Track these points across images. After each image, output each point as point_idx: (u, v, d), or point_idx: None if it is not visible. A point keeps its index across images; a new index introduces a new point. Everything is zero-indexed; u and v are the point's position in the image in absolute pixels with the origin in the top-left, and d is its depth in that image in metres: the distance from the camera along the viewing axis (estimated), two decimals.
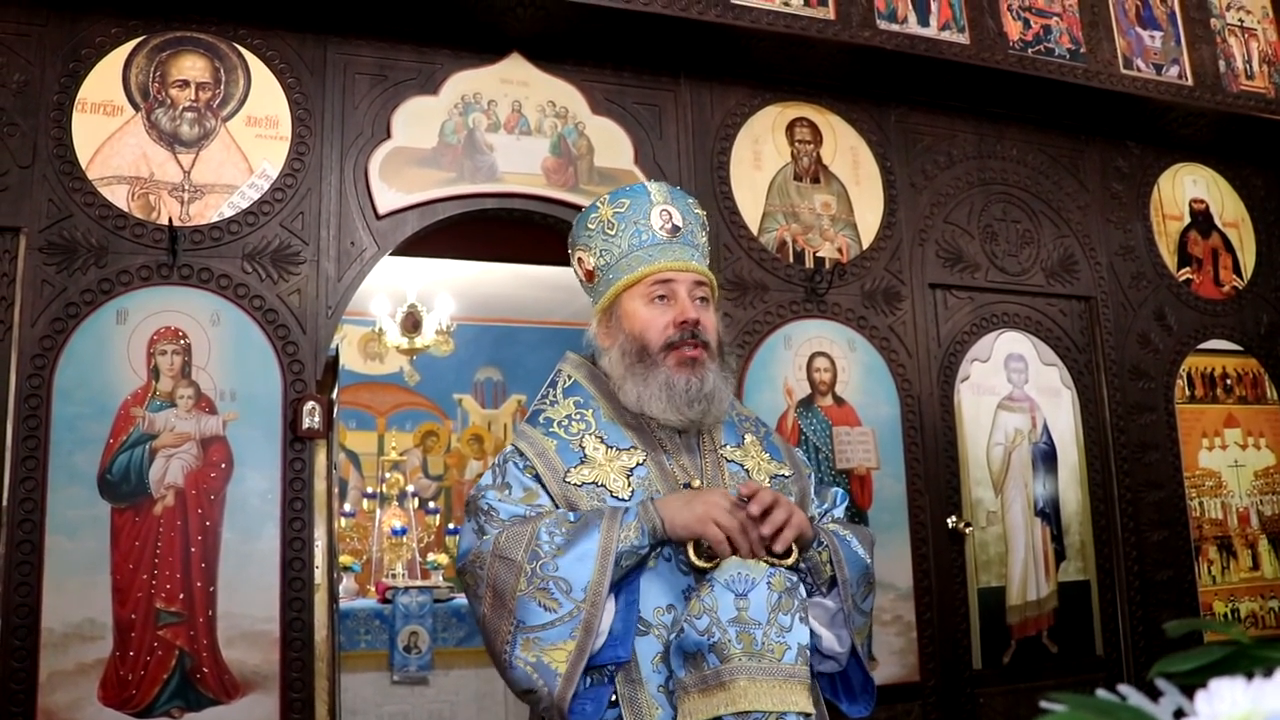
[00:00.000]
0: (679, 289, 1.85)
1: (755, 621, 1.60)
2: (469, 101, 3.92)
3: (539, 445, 1.83)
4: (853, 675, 1.84)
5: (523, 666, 1.64)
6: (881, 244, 4.44)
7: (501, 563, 1.68)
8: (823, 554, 1.77)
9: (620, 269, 1.88)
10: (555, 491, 1.77)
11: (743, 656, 1.58)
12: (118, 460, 3.30)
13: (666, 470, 1.82)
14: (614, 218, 1.90)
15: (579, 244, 1.97)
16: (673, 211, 1.91)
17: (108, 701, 3.16)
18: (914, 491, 4.27)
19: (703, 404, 1.81)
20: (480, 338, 8.59)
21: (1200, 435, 4.97)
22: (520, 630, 1.65)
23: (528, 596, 1.65)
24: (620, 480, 1.78)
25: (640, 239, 1.88)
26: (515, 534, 1.69)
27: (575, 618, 1.62)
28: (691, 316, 1.83)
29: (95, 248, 3.38)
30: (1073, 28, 4.65)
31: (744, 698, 1.56)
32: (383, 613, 5.92)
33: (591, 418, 1.86)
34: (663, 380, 1.80)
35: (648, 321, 1.84)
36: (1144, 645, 4.56)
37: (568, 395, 1.91)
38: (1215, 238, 5.23)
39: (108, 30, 3.53)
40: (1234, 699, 0.53)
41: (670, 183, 4.04)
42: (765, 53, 4.19)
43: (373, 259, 3.72)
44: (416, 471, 8.28)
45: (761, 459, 1.93)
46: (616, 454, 1.81)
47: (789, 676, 1.59)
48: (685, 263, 1.87)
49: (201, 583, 3.30)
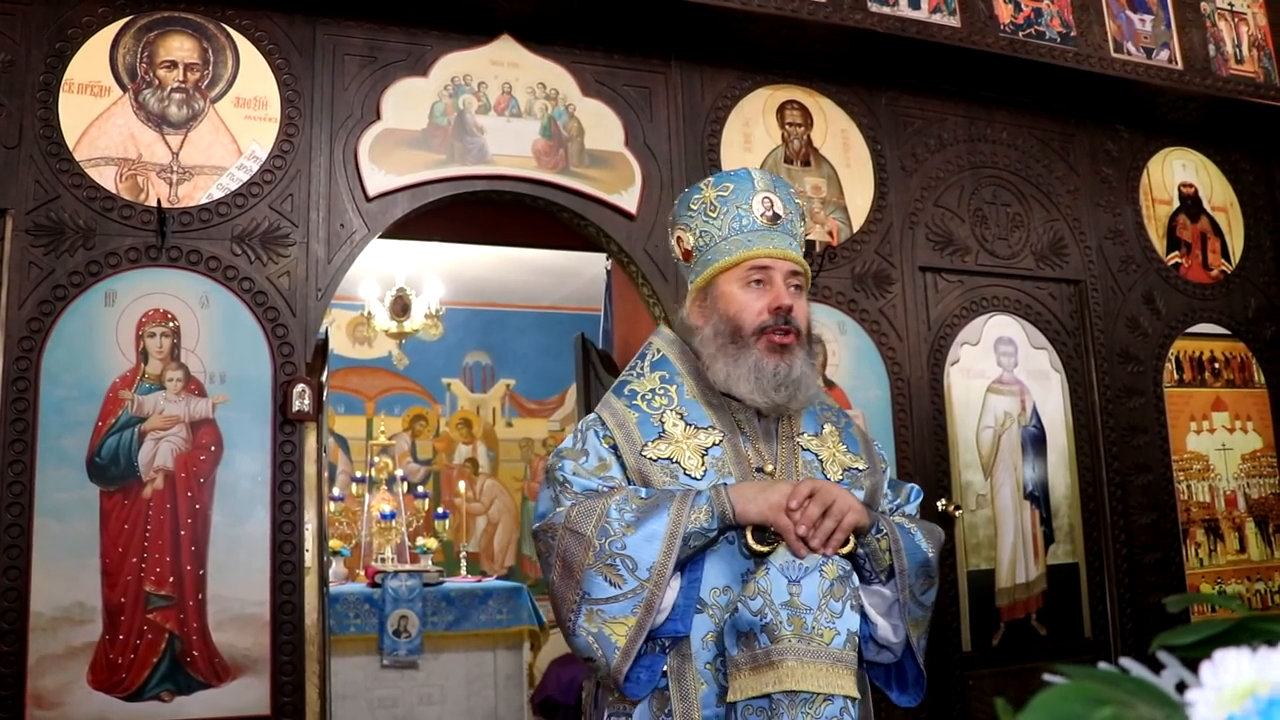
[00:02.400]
0: (775, 275, 1.88)
1: (807, 606, 1.65)
2: (459, 83, 3.90)
3: (620, 416, 1.87)
4: (907, 667, 1.87)
5: (585, 636, 1.70)
6: (872, 227, 4.44)
7: (572, 536, 1.73)
8: (882, 541, 1.79)
9: (719, 251, 1.91)
10: (630, 464, 1.82)
11: (793, 638, 1.63)
12: (106, 443, 3.28)
13: (741, 453, 1.86)
14: (716, 200, 1.93)
15: (679, 223, 2.00)
16: (774, 199, 1.93)
17: (97, 685, 3.15)
18: (904, 474, 4.27)
19: (789, 389, 1.84)
20: (469, 322, 8.58)
21: (1188, 419, 4.99)
22: (585, 601, 1.70)
23: (595, 570, 1.70)
24: (695, 459, 1.82)
25: (741, 224, 1.91)
26: (587, 508, 1.73)
27: (638, 595, 1.67)
28: (786, 303, 1.86)
29: (83, 229, 3.35)
30: (1063, 11, 4.65)
31: (791, 677, 1.61)
32: (372, 597, 5.92)
33: (675, 393, 1.90)
34: (752, 363, 1.84)
35: (743, 304, 1.87)
36: (1132, 627, 4.59)
37: (655, 369, 1.95)
38: (1204, 222, 5.24)
39: (94, 10, 3.49)
40: (1239, 669, 0.54)
41: (661, 165, 4.09)
42: (756, 35, 4.18)
43: (362, 241, 3.70)
44: (405, 456, 8.28)
45: (837, 450, 1.95)
46: (695, 432, 1.85)
47: (837, 660, 1.64)
48: (784, 250, 1.90)
49: (191, 566, 3.29)
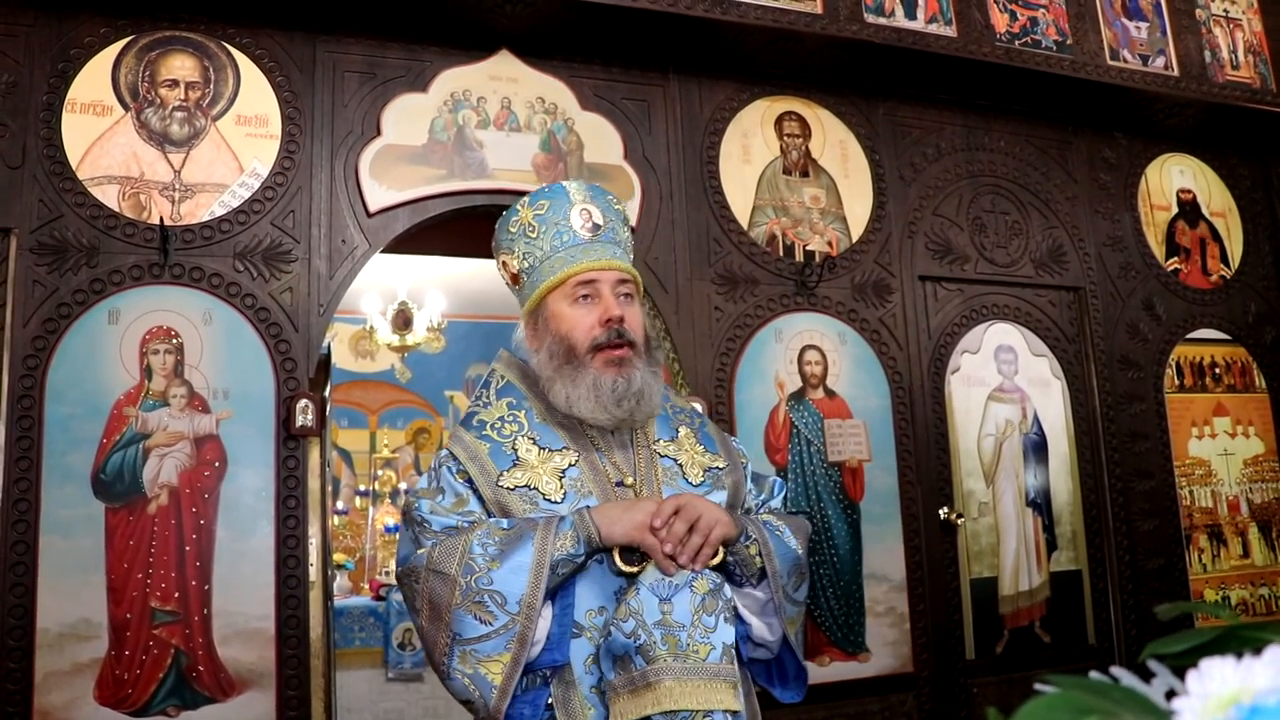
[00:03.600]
0: (603, 288, 1.84)
1: (680, 624, 1.63)
2: (458, 98, 3.92)
3: (472, 449, 1.82)
4: (786, 663, 1.87)
5: (460, 678, 1.66)
6: (871, 237, 4.45)
7: (436, 576, 1.68)
8: (751, 547, 1.78)
9: (544, 271, 1.87)
10: (488, 495, 1.77)
11: (668, 657, 1.61)
12: (111, 460, 3.29)
13: (599, 469, 1.82)
14: (534, 220, 1.89)
15: (502, 248, 1.95)
16: (592, 210, 1.90)
17: (104, 701, 3.16)
18: (905, 483, 4.29)
19: (630, 402, 1.81)
20: (471, 334, 8.59)
21: (1190, 424, 5.00)
22: (457, 643, 1.66)
23: (463, 610, 1.65)
24: (553, 483, 1.78)
25: (562, 240, 1.87)
26: (449, 547, 1.69)
27: (510, 630, 1.63)
28: (615, 314, 1.82)
29: (86, 248, 3.37)
30: (1059, 19, 4.67)
31: (669, 697, 1.59)
32: (377, 610, 5.93)
33: (524, 419, 1.86)
34: (590, 381, 1.80)
35: (573, 322, 1.83)
36: (1136, 634, 4.59)
37: (500, 396, 1.91)
38: (1203, 227, 5.26)
39: (96, 30, 3.52)
40: (1224, 677, 0.54)
41: (660, 178, 4.10)
42: (754, 47, 4.20)
43: (364, 256, 3.72)
44: (409, 469, 8.28)
45: (695, 452, 1.92)
46: (549, 455, 1.81)
47: (714, 675, 1.63)
48: (608, 261, 1.86)
49: (196, 581, 3.30)
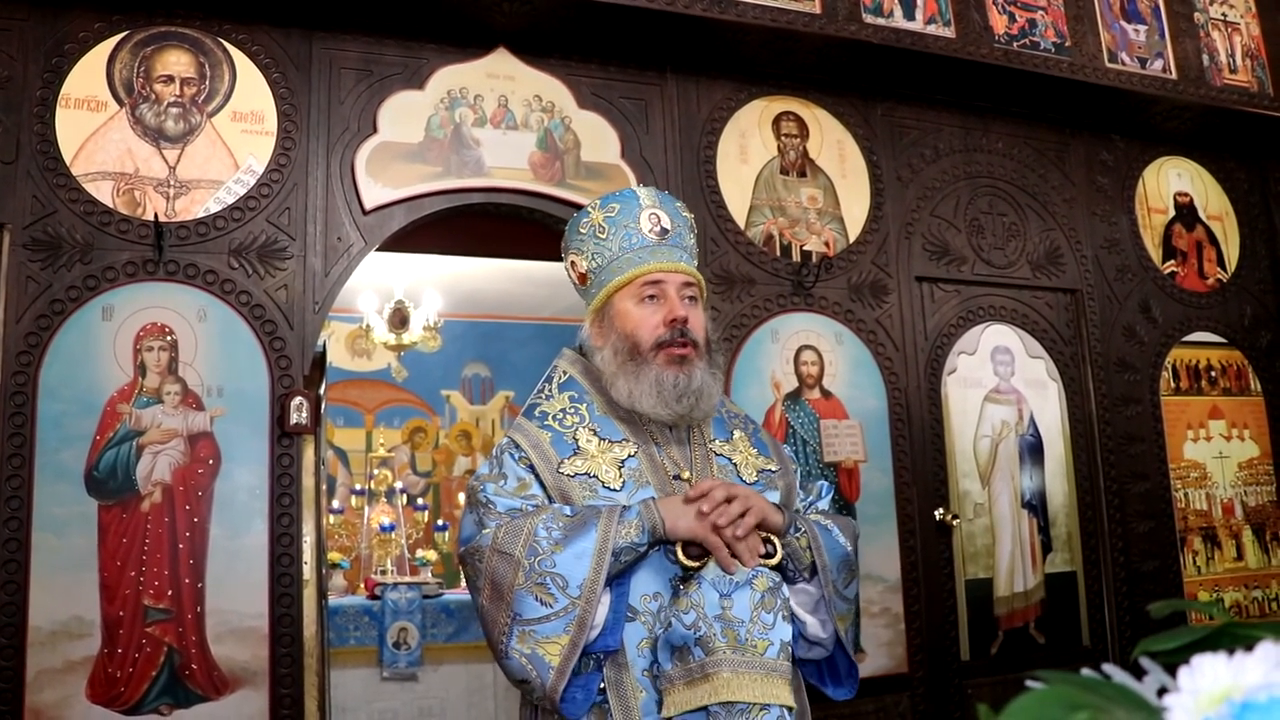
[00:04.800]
0: (668, 289, 1.91)
1: (739, 619, 1.67)
2: (455, 96, 3.92)
3: (534, 437, 1.88)
4: (838, 661, 1.92)
5: (518, 658, 1.69)
6: (868, 237, 4.45)
7: (500, 557, 1.72)
8: (801, 539, 1.84)
9: (612, 271, 1.95)
10: (549, 482, 1.83)
11: (727, 650, 1.65)
12: (104, 457, 3.28)
13: (657, 462, 1.88)
14: (605, 222, 1.97)
15: (571, 248, 2.04)
16: (661, 215, 1.98)
17: (96, 699, 3.15)
18: (901, 484, 4.29)
19: (690, 399, 1.87)
20: (468, 334, 8.59)
21: (1185, 427, 5.00)
22: (517, 622, 1.70)
23: (525, 590, 1.70)
24: (612, 471, 1.84)
25: (630, 242, 1.95)
26: (513, 529, 1.74)
27: (570, 613, 1.67)
28: (680, 315, 1.89)
29: (80, 244, 3.36)
30: (1058, 21, 4.67)
31: (727, 689, 1.63)
32: (372, 609, 5.92)
33: (585, 411, 1.92)
34: (653, 377, 1.86)
35: (639, 321, 1.90)
36: (1130, 635, 4.59)
37: (563, 390, 1.97)
38: (1199, 230, 5.26)
39: (91, 25, 3.51)
40: (1216, 674, 0.54)
41: (657, 177, 4.10)
42: (751, 47, 4.19)
43: (360, 254, 3.71)
44: (405, 468, 8.28)
45: (749, 454, 1.99)
46: (609, 446, 1.87)
47: (771, 670, 1.67)
48: (674, 264, 1.94)
49: (190, 579, 3.29)
